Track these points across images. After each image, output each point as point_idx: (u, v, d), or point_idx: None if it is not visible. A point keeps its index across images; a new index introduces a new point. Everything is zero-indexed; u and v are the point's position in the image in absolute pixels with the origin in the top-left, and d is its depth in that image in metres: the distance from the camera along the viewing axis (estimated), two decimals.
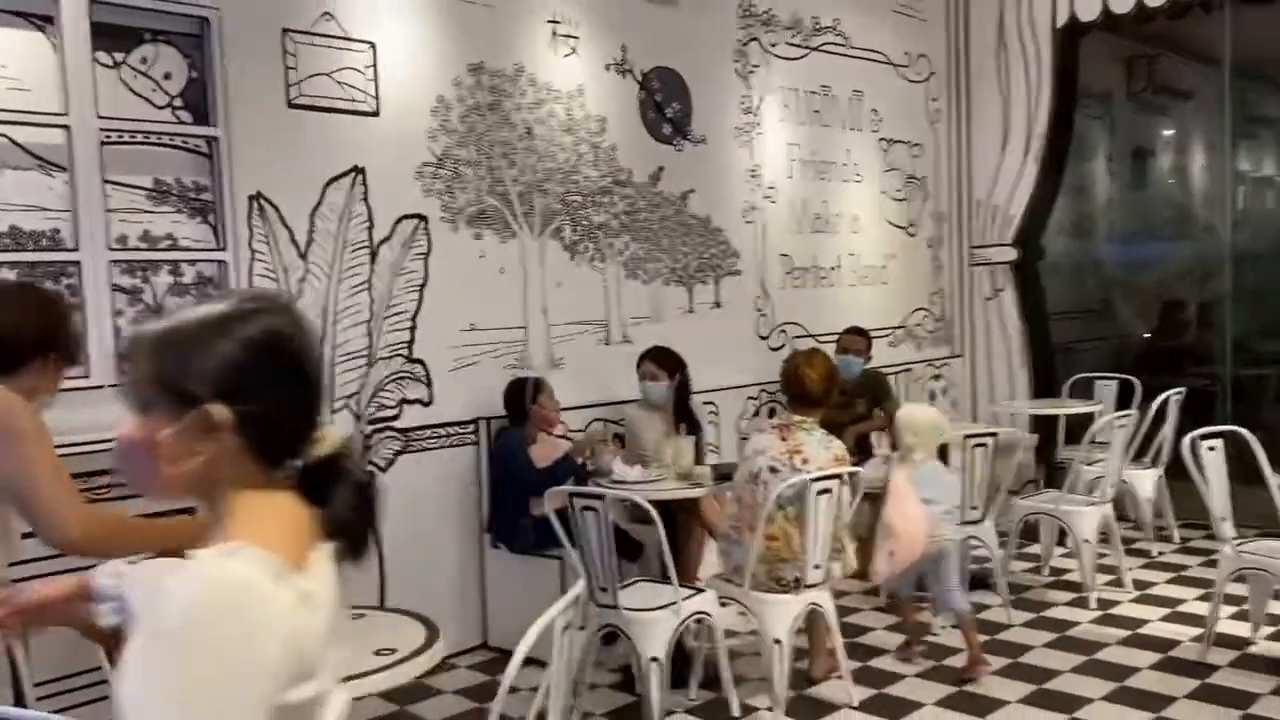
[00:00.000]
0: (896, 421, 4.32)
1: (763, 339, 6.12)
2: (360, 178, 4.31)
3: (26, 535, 2.18)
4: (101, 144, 3.62)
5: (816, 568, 3.87)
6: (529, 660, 2.15)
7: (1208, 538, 5.65)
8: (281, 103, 4.10)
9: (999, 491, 4.99)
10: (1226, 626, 4.54)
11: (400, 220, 4.45)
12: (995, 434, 4.88)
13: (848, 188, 6.64)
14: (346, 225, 4.28)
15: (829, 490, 3.82)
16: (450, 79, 4.60)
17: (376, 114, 4.37)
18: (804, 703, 3.99)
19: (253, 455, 1.22)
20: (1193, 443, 4.23)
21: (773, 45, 6.10)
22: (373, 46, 4.35)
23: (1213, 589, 4.40)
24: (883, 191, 6.88)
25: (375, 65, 4.36)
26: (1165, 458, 5.82)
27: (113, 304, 3.66)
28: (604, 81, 5.22)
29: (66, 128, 3.54)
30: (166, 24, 3.82)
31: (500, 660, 2.01)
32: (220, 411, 1.19)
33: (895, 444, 4.33)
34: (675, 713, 3.92)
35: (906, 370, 6.97)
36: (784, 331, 6.21)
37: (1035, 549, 5.72)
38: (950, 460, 5.48)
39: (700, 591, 3.94)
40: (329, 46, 4.22)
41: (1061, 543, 5.49)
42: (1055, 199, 7.20)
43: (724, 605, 3.97)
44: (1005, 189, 7.06)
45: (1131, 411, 5.51)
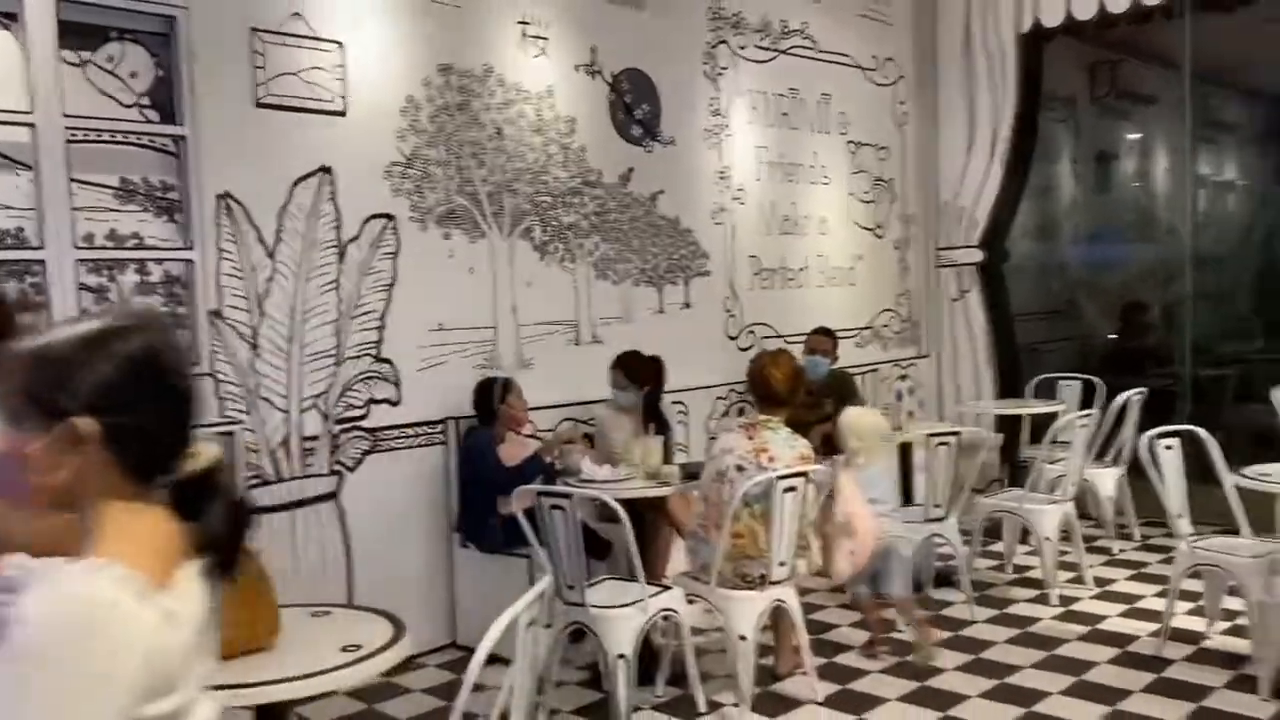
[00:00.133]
0: (840, 426, 4.40)
1: (732, 339, 6.16)
2: (328, 177, 4.32)
3: None
4: (67, 142, 3.61)
5: (782, 565, 3.91)
6: (496, 658, 2.18)
7: (1167, 535, 5.71)
8: (249, 102, 4.10)
9: (963, 490, 5.06)
10: (1183, 622, 4.63)
11: (368, 220, 4.45)
12: (958, 433, 4.95)
13: (816, 190, 6.70)
14: (314, 224, 4.28)
15: (794, 488, 3.87)
16: (419, 79, 4.61)
17: (344, 114, 4.38)
18: (769, 698, 4.04)
19: (123, 469, 1.25)
20: (1150, 442, 4.31)
21: (741, 48, 6.15)
22: (341, 46, 4.35)
23: (1170, 585, 4.48)
24: (850, 194, 6.95)
25: (344, 65, 4.36)
26: (1126, 457, 5.92)
27: (79, 303, 3.65)
28: (573, 83, 5.25)
29: (31, 125, 3.53)
30: (133, 22, 3.81)
31: (469, 659, 2.03)
32: (87, 425, 1.21)
33: (840, 448, 4.39)
34: (642, 709, 3.95)
35: (873, 370, 7.04)
36: (753, 332, 6.26)
37: (999, 547, 5.80)
38: (914, 459, 5.58)
39: (667, 589, 3.98)
40: (297, 46, 4.22)
41: (1025, 541, 5.57)
42: (1020, 201, 7.30)
43: (691, 603, 4.00)
44: (971, 191, 7.16)
45: (1093, 411, 5.60)
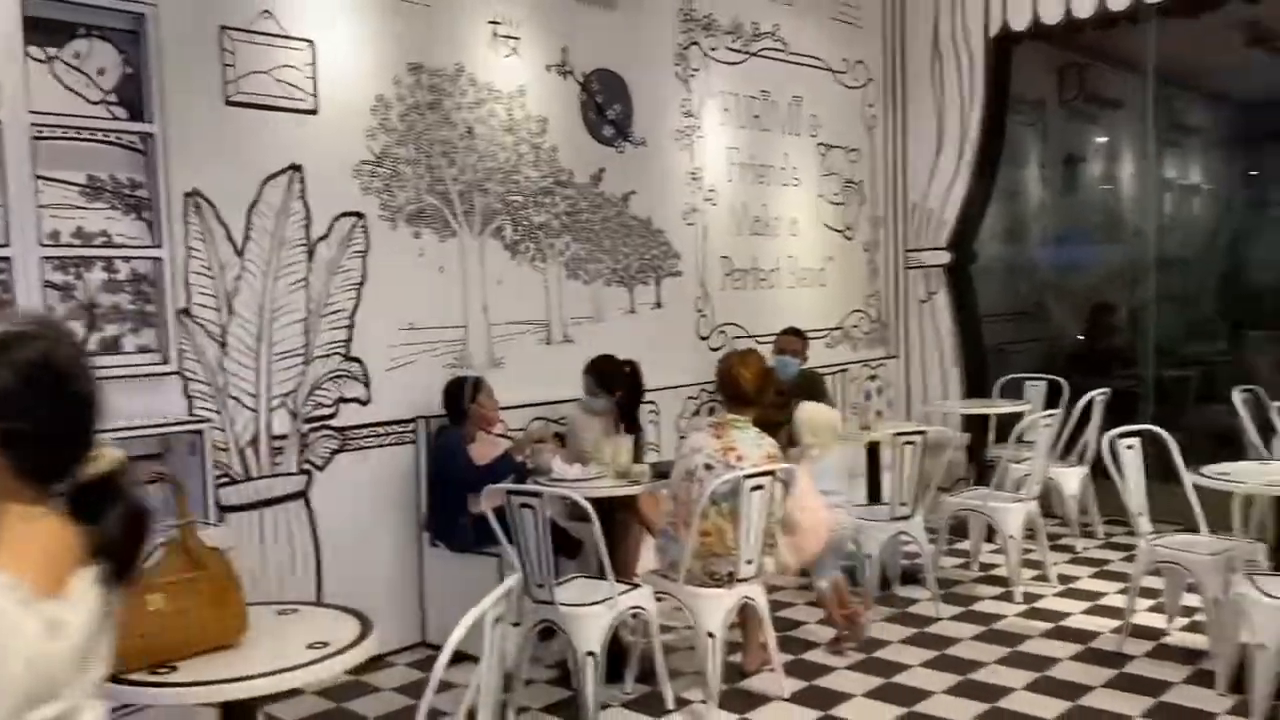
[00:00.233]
0: (796, 421, 4.50)
1: (703, 339, 6.20)
2: (298, 175, 4.31)
3: None
4: (33, 139, 3.58)
5: (749, 562, 3.95)
6: (466, 656, 2.20)
7: (1130, 534, 5.80)
8: (219, 99, 4.09)
9: (929, 489, 5.12)
10: (1144, 618, 4.72)
11: (338, 218, 4.45)
12: (924, 432, 5.00)
13: (786, 191, 6.75)
14: (284, 223, 4.28)
15: (762, 487, 3.91)
16: (390, 78, 4.61)
17: (315, 112, 4.37)
18: (737, 695, 4.07)
19: (20, 474, 1.26)
20: (1111, 441, 4.38)
21: (713, 50, 6.19)
22: (312, 45, 4.35)
23: (1131, 583, 4.56)
24: (820, 195, 7.01)
25: (314, 63, 4.36)
26: (1090, 456, 6.01)
27: (44, 300, 3.63)
28: (545, 82, 5.26)
29: None
30: (101, 19, 3.79)
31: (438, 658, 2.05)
32: None
33: (795, 441, 4.46)
34: (610, 706, 3.98)
35: (843, 371, 7.10)
36: (723, 332, 6.30)
37: (965, 545, 5.87)
38: (881, 458, 5.64)
39: (636, 587, 4.00)
40: (268, 44, 4.21)
41: (990, 539, 5.64)
42: (988, 204, 7.38)
43: (660, 600, 4.03)
44: (939, 194, 7.23)
45: (1057, 411, 5.68)
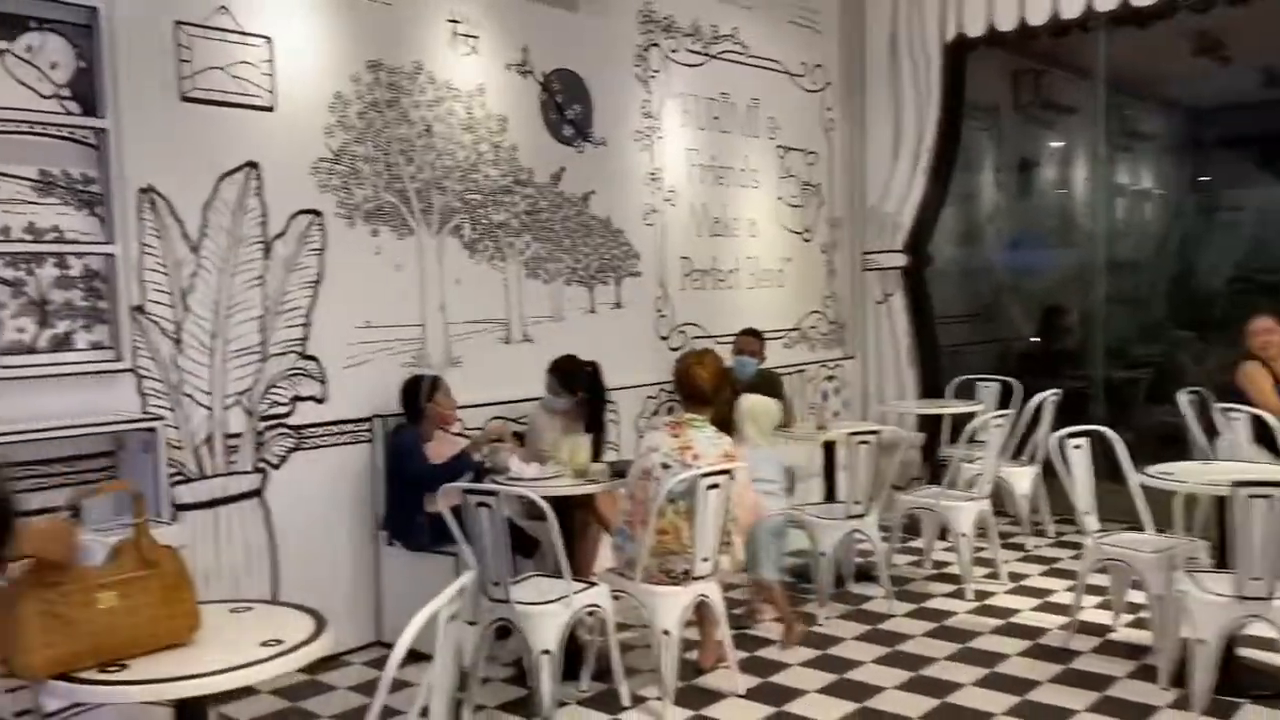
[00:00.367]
0: (738, 410, 4.63)
1: (663, 339, 6.23)
2: (254, 172, 4.29)
3: None
4: None
5: (705, 560, 3.99)
6: (422, 655, 2.21)
7: (1080, 532, 5.93)
8: (174, 95, 4.06)
9: (883, 487, 5.19)
10: (1091, 615, 4.82)
11: (295, 215, 4.43)
12: (878, 432, 5.07)
13: (746, 193, 6.80)
14: (240, 220, 4.25)
15: (718, 485, 3.95)
16: (348, 75, 4.60)
17: (272, 109, 4.35)
18: (692, 692, 4.11)
19: None
20: (1060, 441, 4.48)
21: (673, 51, 6.23)
22: (269, 41, 4.32)
23: (1078, 580, 4.65)
24: (779, 197, 7.07)
25: (272, 60, 4.34)
26: (1041, 456, 6.11)
27: None
28: (505, 82, 5.27)
29: None
30: (53, 12, 3.74)
31: None
32: None
33: (735, 430, 4.58)
34: (567, 704, 4.00)
35: (801, 371, 7.17)
36: (683, 332, 6.34)
37: (918, 543, 5.95)
38: (837, 457, 5.70)
39: (593, 585, 4.03)
40: (224, 40, 4.19)
41: (943, 537, 5.72)
42: (943, 207, 7.48)
43: (617, 599, 4.06)
44: (896, 197, 7.32)
45: (1008, 412, 5.78)
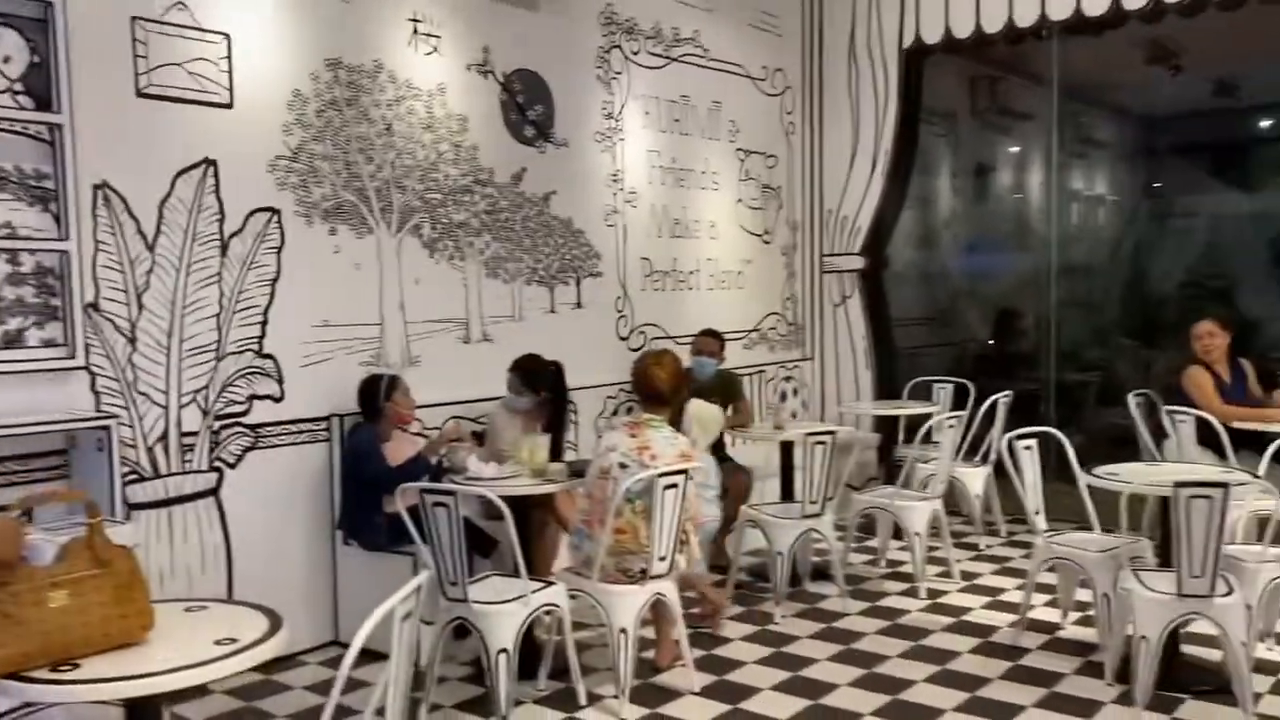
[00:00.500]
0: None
1: (623, 339, 6.26)
2: (211, 170, 4.26)
3: None
4: None
5: (662, 559, 4.02)
6: (379, 655, 2.22)
7: (1030, 532, 6.05)
8: (130, 91, 4.03)
9: (838, 487, 5.26)
10: (1040, 613, 4.92)
11: (252, 213, 4.41)
12: (834, 432, 5.14)
13: (706, 195, 6.85)
14: (196, 217, 4.23)
15: (675, 485, 3.98)
16: (307, 73, 4.58)
17: (230, 106, 4.33)
18: (648, 690, 4.14)
19: None
20: (1010, 443, 4.56)
21: (635, 53, 6.26)
22: (227, 38, 4.30)
23: (1027, 579, 4.74)
24: (739, 200, 7.13)
25: (229, 57, 4.31)
26: (994, 456, 6.22)
27: None
28: (465, 81, 5.27)
29: None
30: (6, 5, 3.70)
31: None
32: None
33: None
34: (524, 703, 4.02)
35: (760, 372, 7.23)
36: (643, 333, 6.37)
37: (873, 542, 6.03)
38: (794, 457, 5.76)
39: (550, 584, 4.05)
40: (181, 36, 4.16)
41: (898, 536, 5.80)
42: (901, 211, 7.58)
43: (575, 598, 4.08)
44: (854, 200, 7.41)
45: (961, 413, 5.87)
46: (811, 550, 5.63)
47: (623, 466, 4.04)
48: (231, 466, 4.38)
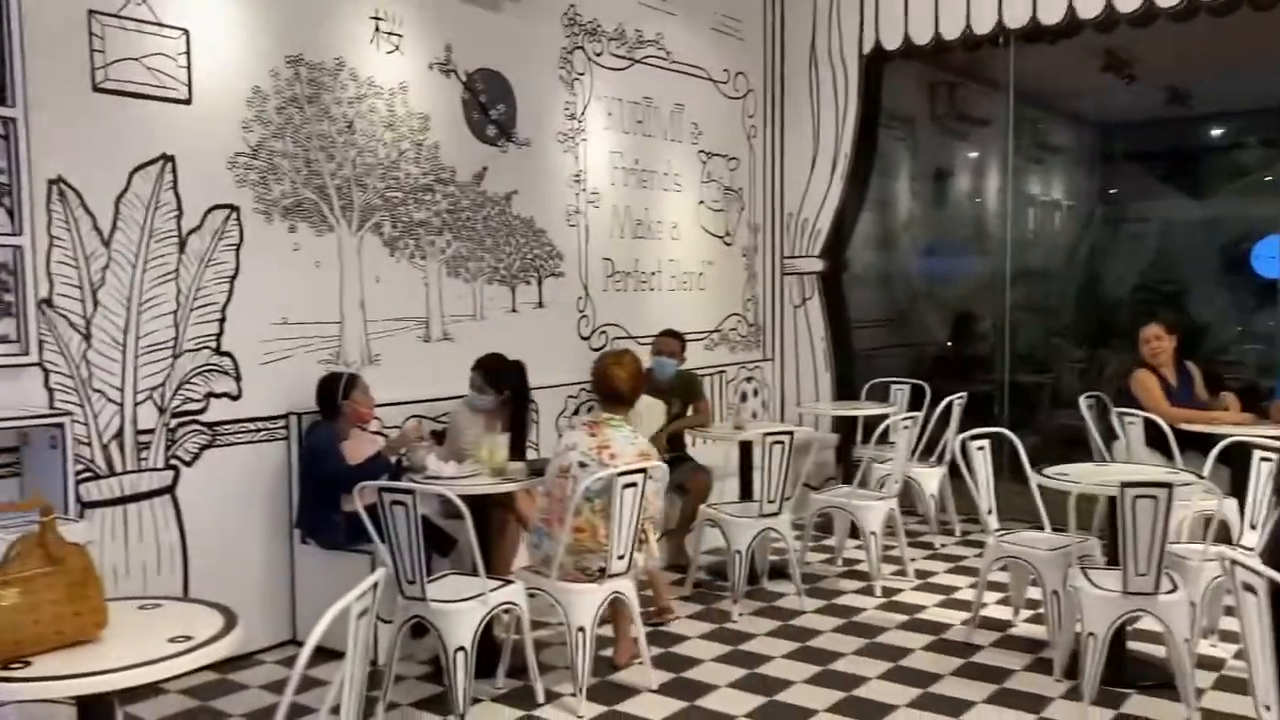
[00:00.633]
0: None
1: (584, 339, 6.28)
2: (169, 166, 4.23)
3: None
4: None
5: (620, 558, 4.05)
6: (336, 654, 2.22)
7: (984, 531, 6.14)
8: (86, 85, 3.99)
9: (796, 487, 5.31)
10: (993, 611, 5.01)
11: (211, 210, 4.38)
12: (792, 433, 5.19)
13: (668, 196, 6.89)
14: (154, 214, 4.19)
15: (634, 484, 4.01)
16: (267, 69, 4.56)
17: (189, 102, 4.30)
18: (606, 688, 4.17)
19: None
20: (963, 443, 4.64)
21: (597, 55, 6.28)
22: (186, 33, 4.27)
23: (979, 577, 4.82)
24: (701, 201, 7.17)
25: (188, 52, 4.29)
26: (949, 457, 6.31)
27: None
28: (427, 80, 5.27)
29: None
30: None
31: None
32: None
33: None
34: (481, 701, 4.03)
35: (720, 372, 7.28)
36: (605, 333, 6.40)
37: (830, 541, 6.10)
38: (753, 457, 5.81)
39: (509, 583, 4.06)
40: (139, 31, 4.13)
41: (854, 535, 5.87)
42: (860, 214, 7.67)
43: (533, 596, 4.10)
44: (814, 203, 7.49)
45: (917, 414, 5.95)
46: (769, 549, 5.69)
47: (582, 465, 4.06)
48: (188, 464, 4.35)
